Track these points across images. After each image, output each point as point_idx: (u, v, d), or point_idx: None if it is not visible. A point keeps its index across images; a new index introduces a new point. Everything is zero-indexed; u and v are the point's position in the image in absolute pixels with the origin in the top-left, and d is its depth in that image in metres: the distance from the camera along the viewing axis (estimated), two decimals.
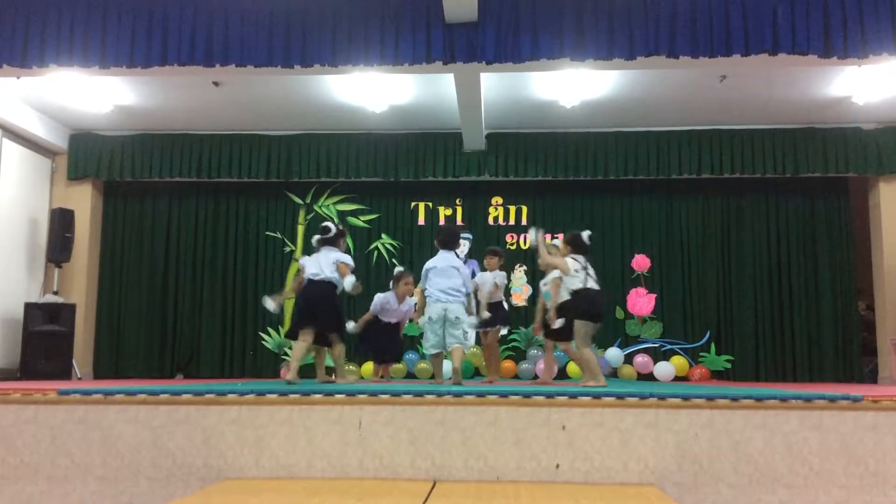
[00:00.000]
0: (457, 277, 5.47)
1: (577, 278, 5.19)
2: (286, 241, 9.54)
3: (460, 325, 5.38)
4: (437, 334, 5.38)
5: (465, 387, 4.56)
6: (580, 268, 5.26)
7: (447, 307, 5.39)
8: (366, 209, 9.52)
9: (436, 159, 8.96)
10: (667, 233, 9.33)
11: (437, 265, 5.51)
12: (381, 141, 9.04)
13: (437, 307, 5.41)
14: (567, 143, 8.94)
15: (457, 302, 5.42)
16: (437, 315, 5.40)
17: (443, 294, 5.42)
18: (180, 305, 9.36)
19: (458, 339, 5.36)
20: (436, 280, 5.46)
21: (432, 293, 5.46)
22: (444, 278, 5.46)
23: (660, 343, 9.02)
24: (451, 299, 5.41)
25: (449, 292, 5.43)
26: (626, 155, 8.86)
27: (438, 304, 5.40)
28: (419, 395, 3.77)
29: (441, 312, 5.39)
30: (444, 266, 5.50)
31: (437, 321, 5.38)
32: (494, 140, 9.01)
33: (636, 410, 3.61)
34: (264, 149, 9.04)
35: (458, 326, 5.37)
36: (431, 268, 5.54)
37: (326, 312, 5.36)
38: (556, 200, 9.44)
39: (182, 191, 9.55)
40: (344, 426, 3.64)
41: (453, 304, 5.40)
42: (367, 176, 9.05)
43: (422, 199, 9.44)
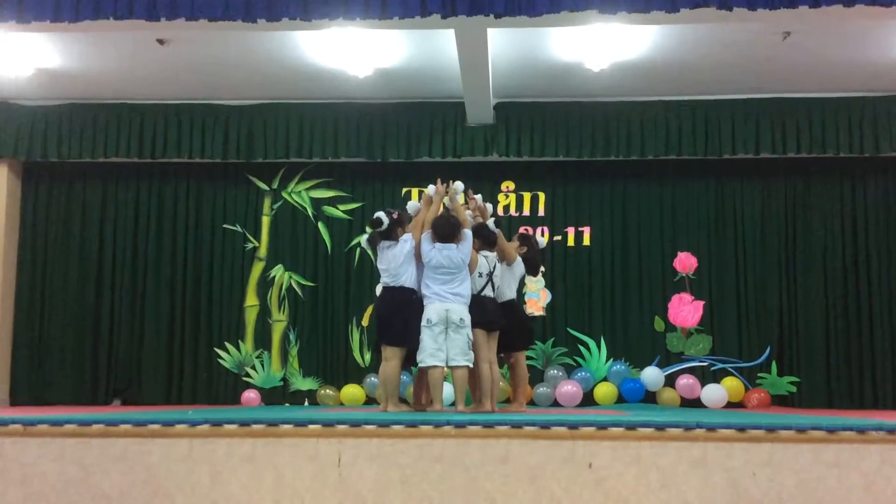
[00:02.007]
0: (460, 280, 5.60)
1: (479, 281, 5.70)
2: (248, 235, 9.57)
3: (464, 330, 5.52)
4: (436, 341, 5.48)
5: (469, 415, 4.58)
6: (486, 271, 5.73)
7: (449, 308, 5.52)
8: (346, 197, 9.55)
9: (432, 135, 8.98)
10: (717, 226, 9.34)
11: (437, 262, 5.61)
12: (365, 112, 9.03)
13: (438, 307, 5.53)
14: (594, 115, 8.96)
15: (460, 303, 5.59)
16: (437, 316, 5.51)
17: (446, 293, 5.57)
18: (117, 316, 9.41)
19: (461, 350, 5.48)
20: (436, 277, 5.60)
21: (431, 293, 5.59)
22: (445, 276, 5.60)
23: (709, 361, 9.04)
24: (453, 299, 5.56)
25: (452, 293, 5.57)
26: (668, 130, 8.88)
27: (439, 303, 5.54)
28: (412, 424, 3.81)
29: (442, 314, 5.51)
30: (446, 263, 5.60)
31: (438, 324, 5.49)
32: (505, 112, 9.01)
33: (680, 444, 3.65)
34: (221, 122, 9.06)
35: (462, 332, 5.50)
36: (432, 260, 5.63)
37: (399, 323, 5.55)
38: (581, 186, 9.48)
39: (120, 174, 9.56)
40: (320, 463, 3.67)
41: (456, 304, 5.56)
42: (347, 156, 9.08)
43: (416, 185, 9.40)
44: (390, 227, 5.75)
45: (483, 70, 7.65)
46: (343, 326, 9.32)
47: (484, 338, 5.72)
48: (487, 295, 5.81)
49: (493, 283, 5.83)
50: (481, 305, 5.72)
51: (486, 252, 5.91)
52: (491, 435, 3.71)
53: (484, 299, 5.78)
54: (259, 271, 9.51)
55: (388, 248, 5.73)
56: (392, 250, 5.70)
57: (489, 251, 5.93)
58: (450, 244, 5.63)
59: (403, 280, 5.66)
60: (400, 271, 5.66)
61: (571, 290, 9.28)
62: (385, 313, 5.70)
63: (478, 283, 5.77)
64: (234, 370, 9.33)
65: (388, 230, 5.75)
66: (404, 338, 5.61)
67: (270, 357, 9.35)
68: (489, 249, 5.94)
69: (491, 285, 5.82)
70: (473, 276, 5.73)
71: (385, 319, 5.69)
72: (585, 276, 9.30)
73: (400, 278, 5.67)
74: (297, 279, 9.45)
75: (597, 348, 9.18)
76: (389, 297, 5.70)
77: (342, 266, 9.39)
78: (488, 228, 5.92)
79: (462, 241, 5.69)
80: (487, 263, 5.85)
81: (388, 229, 5.75)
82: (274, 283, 9.47)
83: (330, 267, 9.44)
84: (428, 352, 5.50)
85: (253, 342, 9.39)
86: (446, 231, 5.69)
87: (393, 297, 5.68)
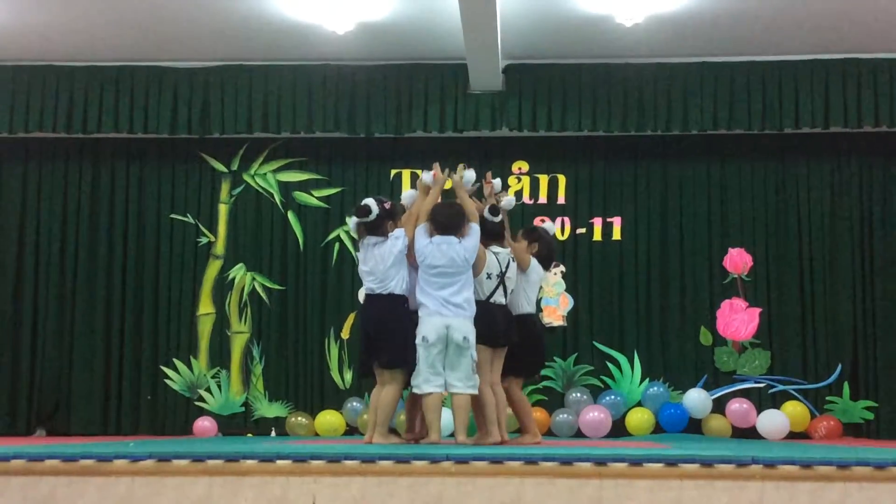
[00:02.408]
0: (462, 284, 5.58)
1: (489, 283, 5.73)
2: (201, 228, 9.63)
3: (468, 350, 5.50)
4: (434, 364, 5.50)
5: (473, 448, 4.66)
6: (496, 272, 5.72)
7: (451, 323, 5.49)
8: (322, 180, 9.61)
9: (428, 105, 9.01)
10: (777, 216, 9.37)
11: (433, 259, 5.59)
12: (345, 77, 9.06)
13: (437, 322, 5.51)
14: (626, 80, 8.97)
15: (464, 317, 5.55)
16: (435, 334, 5.50)
17: (444, 306, 5.53)
18: (41, 326, 9.44)
19: (465, 375, 5.49)
20: (432, 280, 5.56)
21: (428, 303, 5.57)
22: (445, 279, 5.55)
23: (766, 382, 9.11)
24: (456, 312, 5.53)
25: (453, 304, 5.54)
26: (716, 98, 8.89)
27: (437, 317, 5.51)
28: (403, 460, 3.82)
29: (442, 331, 5.49)
30: (444, 262, 5.58)
31: (436, 343, 5.49)
32: (516, 76, 9.03)
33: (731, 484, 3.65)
34: (169, 89, 9.08)
35: (465, 353, 5.49)
36: (427, 258, 5.61)
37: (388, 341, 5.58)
38: (610, 167, 9.51)
39: (44, 153, 9.59)
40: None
41: (459, 318, 5.52)
42: (323, 130, 9.12)
43: (406, 166, 9.49)
44: (379, 220, 5.72)
45: (490, 25, 7.67)
46: (318, 340, 9.38)
47: (488, 355, 5.71)
48: (497, 302, 5.78)
49: (504, 287, 5.81)
50: (489, 315, 5.70)
51: (496, 248, 5.86)
52: (500, 472, 3.72)
53: (492, 307, 5.76)
54: (215, 272, 9.57)
55: (374, 246, 5.71)
56: (380, 248, 5.69)
57: (499, 246, 5.89)
58: (450, 237, 5.62)
59: (393, 286, 5.67)
60: (389, 274, 5.66)
61: (598, 295, 9.33)
62: (374, 328, 5.68)
63: (486, 286, 5.75)
64: (185, 393, 9.39)
65: (376, 222, 5.71)
66: (405, 357, 5.61)
67: (229, 377, 9.41)
68: (498, 243, 5.89)
69: (503, 290, 5.80)
70: (480, 277, 5.72)
71: (375, 336, 5.67)
72: (615, 278, 9.34)
73: (388, 283, 5.67)
74: (261, 281, 9.51)
75: (629, 366, 9.25)
76: (377, 307, 5.69)
77: (317, 265, 9.43)
78: (485, 219, 5.84)
79: (467, 235, 5.67)
80: (498, 262, 5.81)
81: (376, 221, 5.71)
82: (234, 286, 9.52)
83: (302, 266, 9.50)
84: (423, 376, 5.52)
85: (208, 359, 9.45)
86: (448, 220, 5.66)
87: (382, 307, 5.67)
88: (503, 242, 5.91)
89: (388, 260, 5.63)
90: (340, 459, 3.84)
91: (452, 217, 5.67)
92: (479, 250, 5.67)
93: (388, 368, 5.62)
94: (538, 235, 6.31)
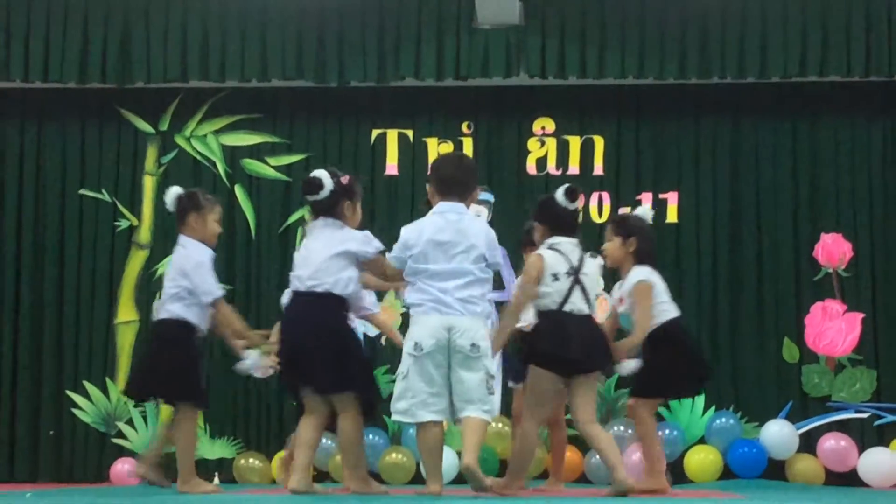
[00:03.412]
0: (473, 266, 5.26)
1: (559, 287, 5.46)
2: (120, 207, 9.12)
3: (480, 363, 5.19)
4: (430, 382, 5.18)
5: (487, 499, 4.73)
6: (565, 269, 5.46)
7: (453, 324, 5.13)
8: (281, 144, 9.14)
9: (421, 45, 8.60)
10: (886, 191, 8.84)
11: (433, 234, 5.29)
12: (310, 6, 8.64)
13: (434, 323, 5.16)
14: (685, 9, 8.50)
15: (474, 315, 5.21)
16: (432, 339, 5.16)
17: (446, 297, 5.18)
18: None
19: (478, 395, 5.17)
20: (429, 268, 5.25)
21: (421, 296, 5.25)
22: (450, 264, 5.25)
23: (871, 411, 8.54)
24: (462, 309, 5.19)
25: (459, 298, 5.20)
26: (805, 36, 8.38)
27: (436, 316, 5.16)
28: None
29: (442, 335, 5.15)
30: (449, 236, 5.27)
31: (435, 351, 5.16)
32: (540, 4, 8.59)
33: None
34: (76, 25, 8.60)
35: (477, 367, 5.17)
36: (418, 246, 5.30)
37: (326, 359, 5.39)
38: (663, 128, 9.04)
39: None
40: None
41: (467, 318, 5.17)
42: (282, 78, 8.72)
43: (392, 125, 9.12)
44: (333, 198, 5.50)
45: None
46: None
47: (551, 386, 5.45)
48: (574, 311, 5.42)
49: (584, 289, 5.46)
50: (559, 328, 5.39)
51: (558, 238, 5.53)
52: None
53: (565, 318, 5.41)
54: (139, 266, 8.99)
55: (322, 230, 5.50)
56: (330, 233, 5.48)
57: (567, 236, 5.56)
58: (458, 204, 5.32)
59: (333, 285, 5.38)
60: (331, 268, 5.36)
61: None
62: (306, 339, 5.40)
63: (554, 290, 5.41)
64: (100, 427, 8.81)
65: (329, 202, 5.49)
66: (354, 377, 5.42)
67: (158, 406, 8.51)
68: (567, 234, 5.58)
69: (581, 293, 5.44)
70: (545, 280, 5.43)
71: (311, 349, 5.38)
72: (670, 273, 8.19)
73: (326, 279, 5.39)
74: None
75: None
76: (312, 310, 5.41)
77: (274, 257, 8.97)
78: (557, 203, 5.60)
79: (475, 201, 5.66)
80: (567, 258, 5.46)
81: (329, 200, 5.49)
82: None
83: (254, 258, 9.12)
84: (418, 398, 5.15)
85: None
86: (456, 175, 5.41)
87: (319, 309, 5.40)
88: (573, 234, 5.66)
89: (334, 250, 5.44)
90: None
91: (462, 172, 5.46)
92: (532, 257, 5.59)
93: (336, 393, 5.40)
94: (633, 227, 6.17)
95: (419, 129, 9.03)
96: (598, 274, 6.60)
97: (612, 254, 6.07)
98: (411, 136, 9.02)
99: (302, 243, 5.78)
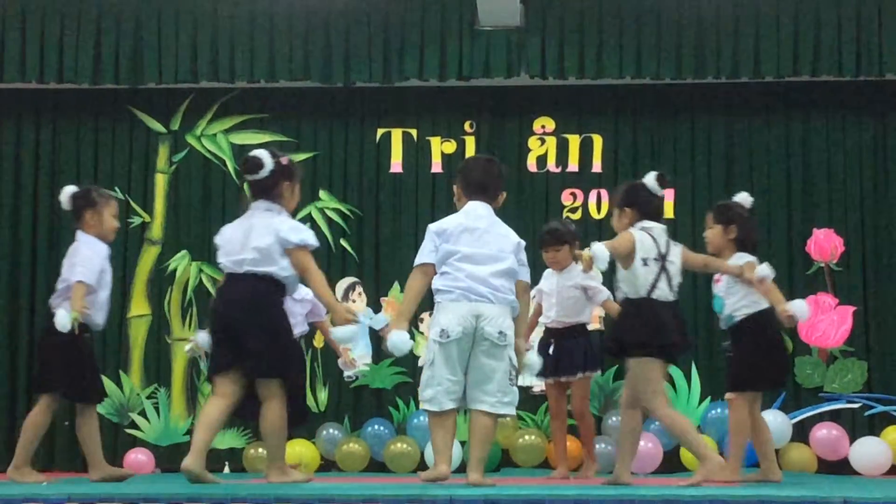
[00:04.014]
0: (505, 254, 5.23)
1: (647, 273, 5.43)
2: (133, 204, 9.19)
3: (505, 353, 5.16)
4: (454, 371, 5.16)
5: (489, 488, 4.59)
6: (654, 254, 5.45)
7: (482, 311, 5.09)
8: (288, 143, 9.09)
9: (424, 46, 8.68)
10: (876, 186, 8.91)
11: (465, 223, 5.27)
12: (317, 10, 8.72)
13: (463, 311, 5.12)
14: (681, 11, 8.58)
15: (502, 303, 5.18)
16: (459, 328, 5.13)
17: (476, 285, 5.14)
18: None
19: (498, 388, 5.16)
20: (462, 250, 5.23)
21: (454, 279, 5.19)
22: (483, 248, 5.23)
23: (862, 401, 8.61)
24: (491, 297, 5.15)
25: (489, 284, 5.16)
26: (796, 37, 8.47)
27: (465, 304, 5.12)
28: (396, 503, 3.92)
29: (469, 323, 5.11)
30: (481, 229, 5.26)
31: (461, 340, 5.14)
32: (540, 7, 8.68)
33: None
34: (90, 28, 8.67)
35: (502, 356, 5.15)
36: (449, 230, 5.29)
37: (257, 338, 5.28)
38: (659, 126, 9.12)
39: None
40: None
41: (496, 306, 5.14)
42: (290, 79, 8.79)
43: (397, 124, 9.18)
44: (273, 178, 5.42)
45: None
46: None
47: (663, 369, 5.49)
48: (660, 297, 5.41)
49: (668, 276, 5.45)
50: (653, 315, 5.39)
51: (648, 223, 5.52)
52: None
53: (655, 305, 5.40)
54: (151, 262, 9.11)
55: (261, 213, 5.41)
56: (269, 218, 5.39)
57: (653, 221, 5.56)
58: (486, 203, 5.36)
59: (274, 268, 5.31)
60: (272, 251, 5.29)
61: None
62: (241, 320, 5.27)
63: (642, 276, 5.39)
64: (113, 418, 8.87)
65: (268, 182, 5.42)
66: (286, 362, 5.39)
67: (170, 397, 8.94)
68: (655, 219, 5.59)
69: (666, 280, 5.44)
70: (634, 265, 5.38)
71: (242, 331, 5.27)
72: None
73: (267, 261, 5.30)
74: (211, 273, 9.00)
75: (685, 381, 8.73)
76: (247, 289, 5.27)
77: None
78: (647, 189, 5.60)
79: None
80: (656, 244, 5.45)
81: (268, 180, 5.41)
82: (175, 280, 9.12)
83: None
84: (444, 387, 5.12)
85: (142, 374, 9.07)
86: (484, 178, 5.40)
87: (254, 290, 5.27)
88: (660, 219, 5.69)
89: (274, 236, 5.34)
90: (314, 502, 3.90)
91: (489, 176, 5.44)
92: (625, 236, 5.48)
93: (265, 377, 5.30)
94: (734, 214, 6.20)
95: (423, 129, 9.14)
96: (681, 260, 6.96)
97: (712, 241, 6.08)
98: (415, 135, 9.13)
99: (236, 224, 5.58)
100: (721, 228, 6.11)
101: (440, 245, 5.28)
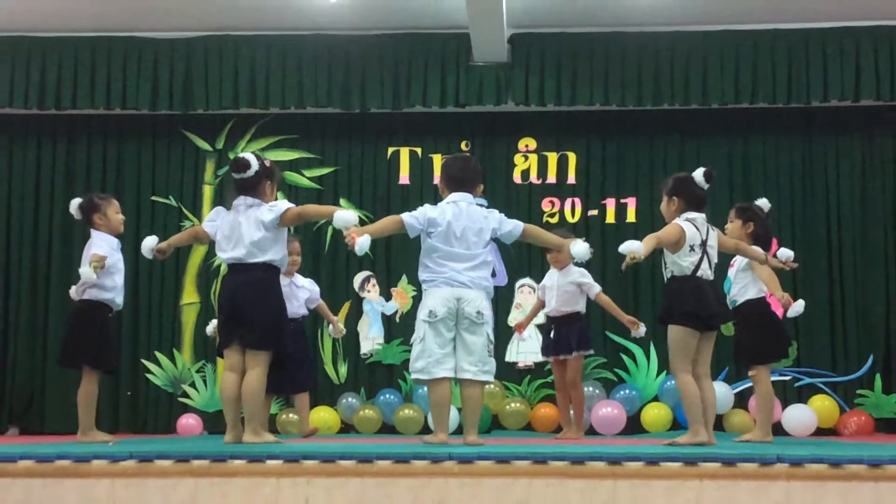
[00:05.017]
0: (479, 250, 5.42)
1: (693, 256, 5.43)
2: (184, 211, 9.67)
3: (483, 329, 5.39)
4: (443, 344, 5.35)
5: (481, 447, 4.62)
6: (698, 241, 5.47)
7: (462, 295, 5.34)
8: (314, 159, 9.70)
9: (428, 78, 9.10)
10: (804, 196, 9.42)
11: (453, 220, 5.39)
12: (338, 47, 9.13)
13: (446, 294, 5.36)
14: (641, 49, 9.02)
15: (479, 288, 5.41)
16: (444, 308, 5.34)
17: (457, 275, 5.36)
18: (13, 316, 9.49)
19: (479, 357, 5.36)
20: (450, 250, 5.40)
21: (437, 272, 5.40)
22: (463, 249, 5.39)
23: (792, 375, 9.08)
24: (469, 283, 5.37)
25: (466, 276, 5.37)
26: (738, 69, 8.92)
27: (447, 289, 5.36)
28: (403, 459, 3.83)
29: (451, 304, 5.34)
30: (464, 223, 5.40)
31: (446, 318, 5.34)
32: (523, 46, 9.11)
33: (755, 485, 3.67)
34: (148, 62, 9.11)
35: (481, 332, 5.38)
36: (441, 220, 5.41)
37: (252, 316, 5.36)
38: (624, 144, 9.58)
39: (14, 130, 9.62)
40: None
41: (473, 290, 5.37)
42: (315, 105, 9.20)
43: (405, 143, 9.61)
44: (257, 178, 5.45)
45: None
46: (310, 331, 9.15)
47: (694, 341, 5.42)
48: (703, 276, 5.45)
49: (709, 258, 5.52)
50: (698, 291, 5.41)
51: (692, 214, 5.53)
52: (506, 473, 3.73)
53: (701, 283, 5.44)
54: (200, 258, 9.58)
55: (245, 210, 5.40)
56: (253, 213, 5.38)
57: (696, 211, 5.56)
58: (467, 194, 5.49)
59: (268, 256, 5.37)
60: (263, 244, 5.35)
61: (611, 281, 9.09)
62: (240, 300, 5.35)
63: (688, 260, 5.43)
64: (168, 388, 9.40)
65: (253, 181, 5.44)
66: (276, 336, 5.41)
67: (215, 371, 9.32)
68: (700, 210, 5.58)
69: (707, 262, 5.50)
70: (682, 251, 5.42)
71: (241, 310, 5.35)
72: None
73: (259, 254, 5.36)
74: None
75: (645, 358, 9.24)
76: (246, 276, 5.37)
77: (308, 251, 9.28)
78: (695, 183, 5.55)
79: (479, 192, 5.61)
80: (700, 231, 5.49)
81: (253, 179, 5.43)
82: (219, 273, 9.41)
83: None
84: (434, 357, 5.29)
85: (192, 352, 9.49)
86: (462, 174, 5.54)
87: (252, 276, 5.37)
88: (704, 210, 5.63)
89: (261, 227, 5.34)
90: (335, 459, 3.84)
91: (466, 170, 5.59)
92: (673, 228, 5.46)
93: (256, 349, 5.33)
94: (753, 213, 6.38)
95: (426, 147, 9.58)
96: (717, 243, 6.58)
97: (732, 233, 6.17)
98: (420, 152, 9.59)
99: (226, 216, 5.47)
100: (741, 223, 6.33)
101: (425, 226, 5.36)
